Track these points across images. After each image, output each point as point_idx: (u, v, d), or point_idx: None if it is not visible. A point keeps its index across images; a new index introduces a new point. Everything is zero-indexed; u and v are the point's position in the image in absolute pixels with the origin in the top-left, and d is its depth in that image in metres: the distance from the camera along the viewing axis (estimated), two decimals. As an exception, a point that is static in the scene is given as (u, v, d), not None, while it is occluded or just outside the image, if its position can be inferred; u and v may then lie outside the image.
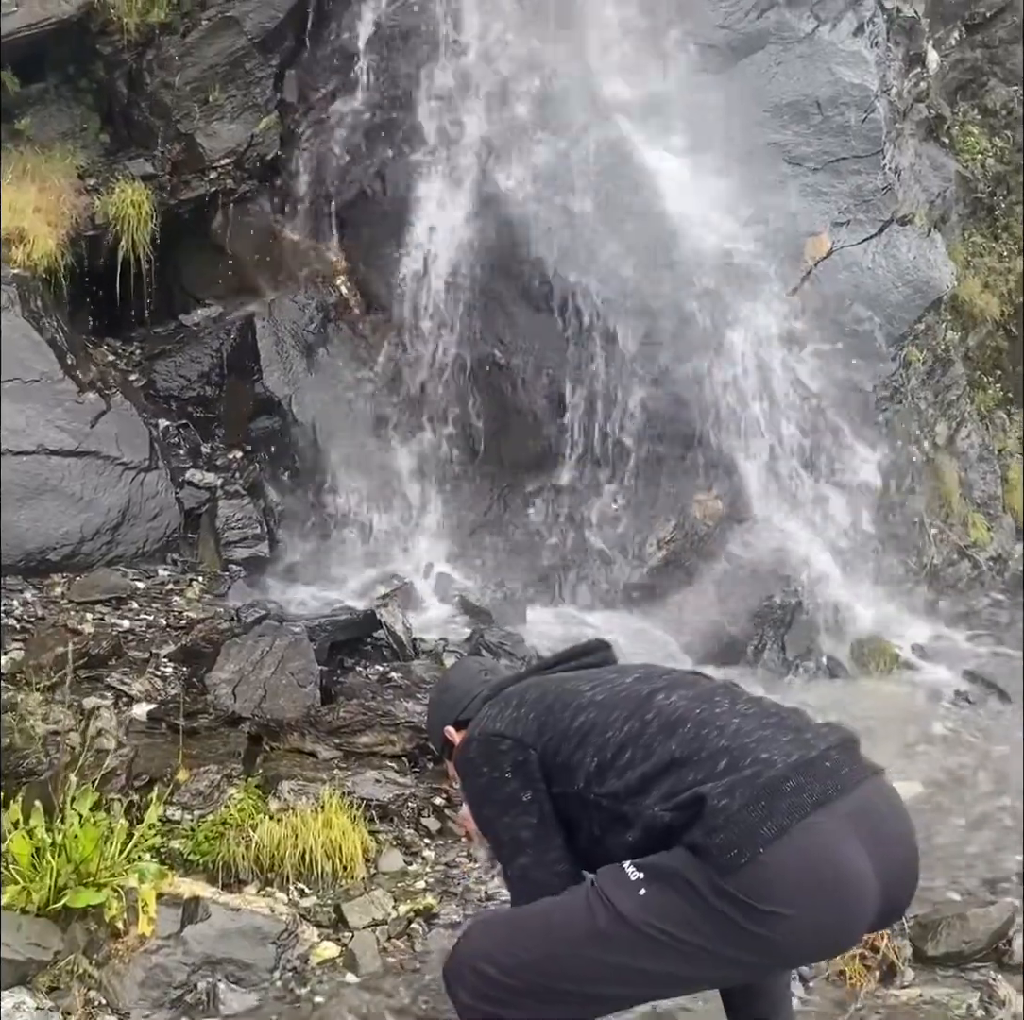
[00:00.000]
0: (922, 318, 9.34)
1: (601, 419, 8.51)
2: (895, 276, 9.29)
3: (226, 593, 7.55)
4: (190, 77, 8.89)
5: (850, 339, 8.99)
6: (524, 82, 9.16)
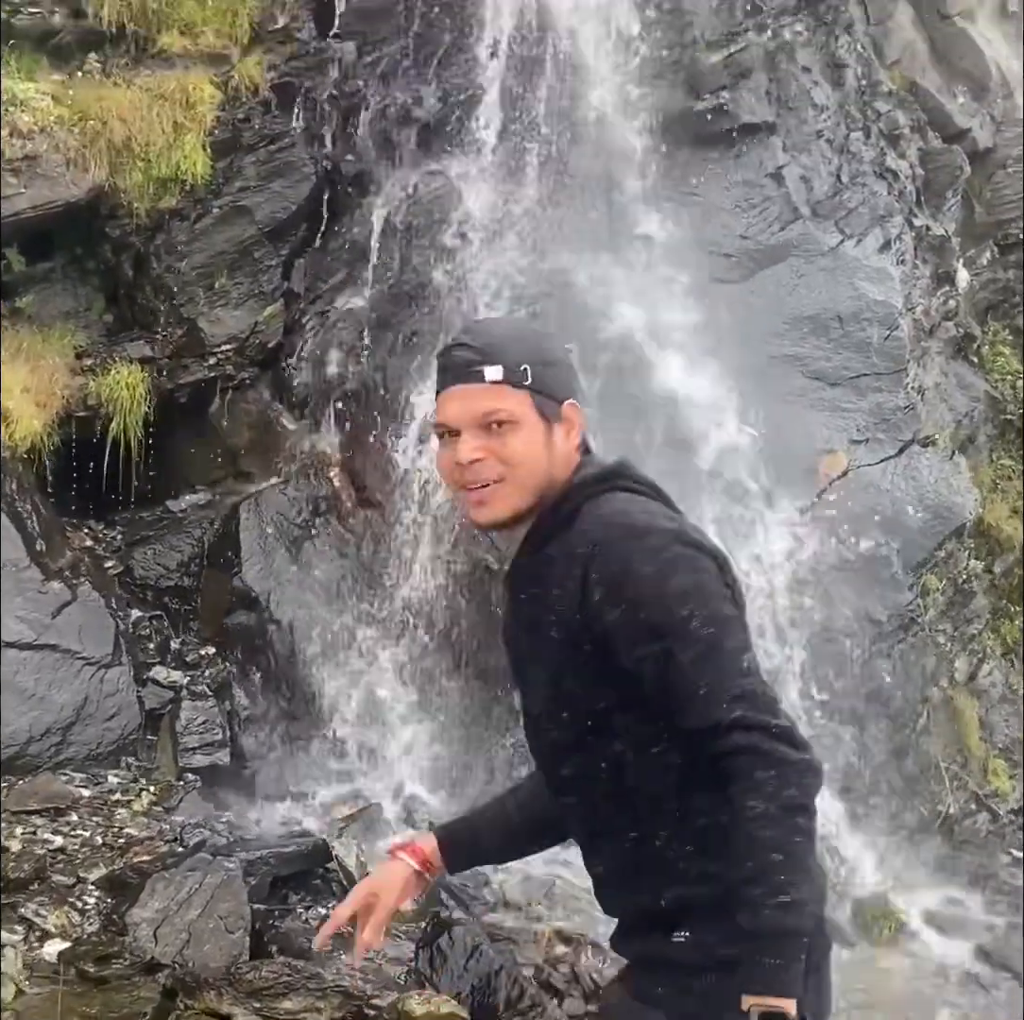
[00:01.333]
0: (943, 545, 8.88)
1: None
2: (915, 499, 8.87)
3: (176, 806, 7.03)
4: (197, 263, 8.75)
5: (864, 564, 8.52)
6: (534, 286, 8.96)
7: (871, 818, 8.01)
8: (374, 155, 9.29)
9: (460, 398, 2.51)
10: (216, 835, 6.50)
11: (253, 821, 7.15)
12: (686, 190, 9.68)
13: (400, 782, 7.74)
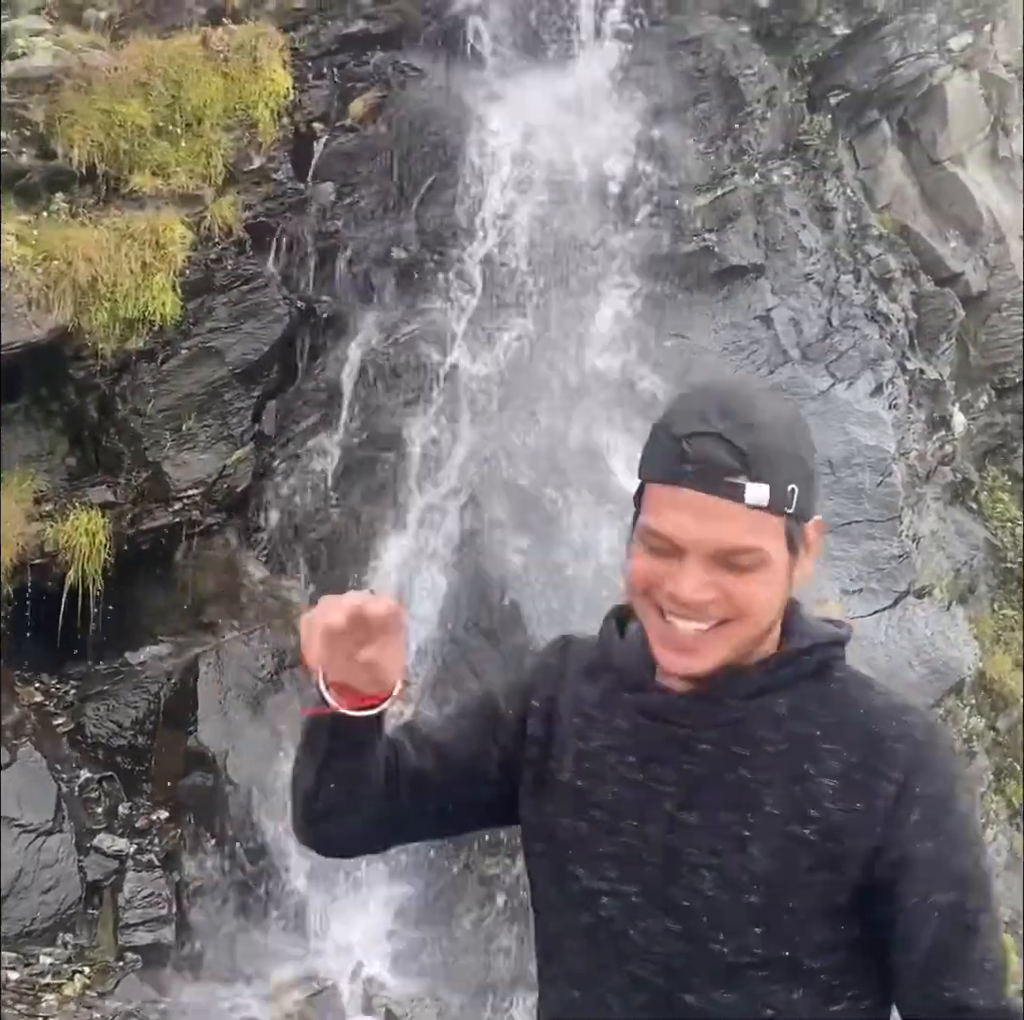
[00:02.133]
0: (941, 702, 8.41)
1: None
2: (911, 653, 8.44)
3: (112, 990, 6.49)
4: (164, 405, 8.48)
5: (859, 723, 8.03)
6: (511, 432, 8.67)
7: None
8: (351, 296, 9.09)
9: (700, 512, 1.89)
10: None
11: (195, 1008, 6.57)
12: (671, 332, 9.43)
13: (359, 962, 7.17)
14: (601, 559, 8.02)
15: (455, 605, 8.13)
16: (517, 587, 7.99)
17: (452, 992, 7.03)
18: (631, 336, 9.31)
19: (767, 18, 10.33)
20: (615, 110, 9.73)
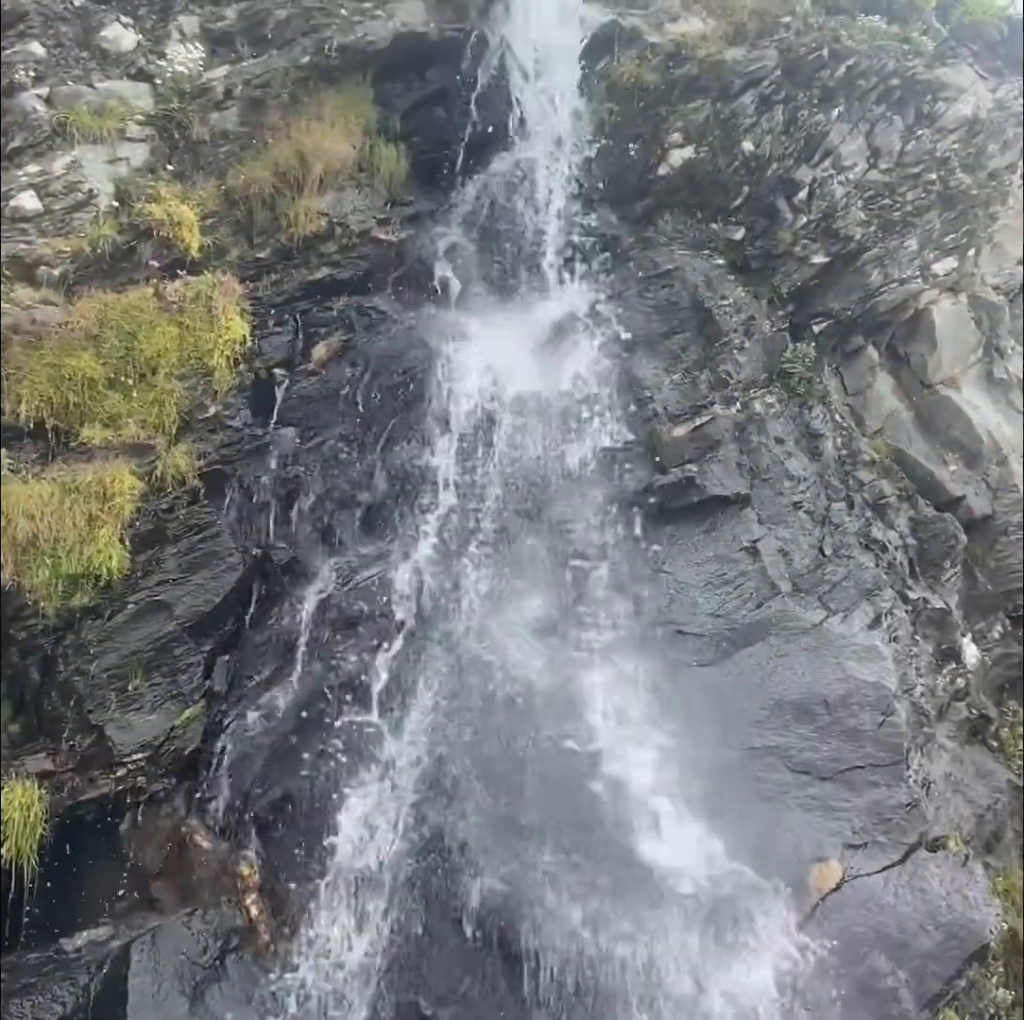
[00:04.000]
0: (962, 972, 7.50)
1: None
2: (924, 916, 7.60)
3: None
4: (109, 664, 8.03)
5: (867, 1000, 7.14)
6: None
7: None
8: (310, 541, 8.71)
9: None
10: None
11: None
12: (653, 567, 8.94)
13: None
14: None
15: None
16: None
17: None
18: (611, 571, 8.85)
19: (742, 250, 10.22)
20: (585, 344, 9.53)
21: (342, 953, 7.39)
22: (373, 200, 9.80)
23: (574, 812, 7.60)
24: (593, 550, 8.94)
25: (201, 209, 9.11)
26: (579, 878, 7.10)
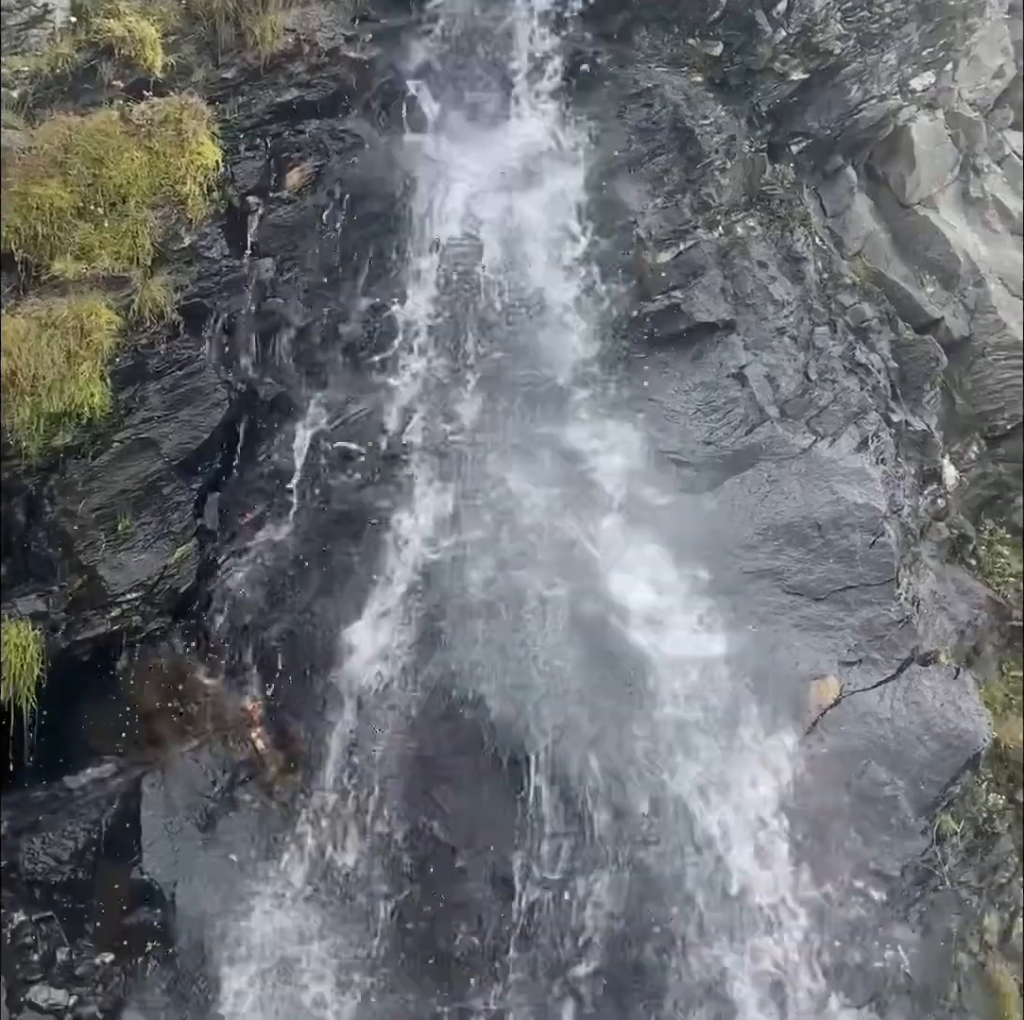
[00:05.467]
0: (956, 779, 7.75)
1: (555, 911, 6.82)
2: (919, 728, 7.79)
3: None
4: (96, 503, 7.85)
5: (868, 807, 7.36)
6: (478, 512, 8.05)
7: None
8: (296, 376, 8.51)
9: None
10: None
11: None
12: (641, 396, 8.86)
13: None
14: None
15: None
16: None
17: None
18: (599, 403, 8.76)
19: (721, 66, 9.91)
20: (563, 168, 9.26)
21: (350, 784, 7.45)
22: (340, 15, 9.31)
23: (573, 635, 7.64)
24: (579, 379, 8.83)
25: (162, 25, 8.61)
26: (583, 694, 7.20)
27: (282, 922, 6.97)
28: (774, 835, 6.98)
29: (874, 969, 6.93)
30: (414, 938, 7.00)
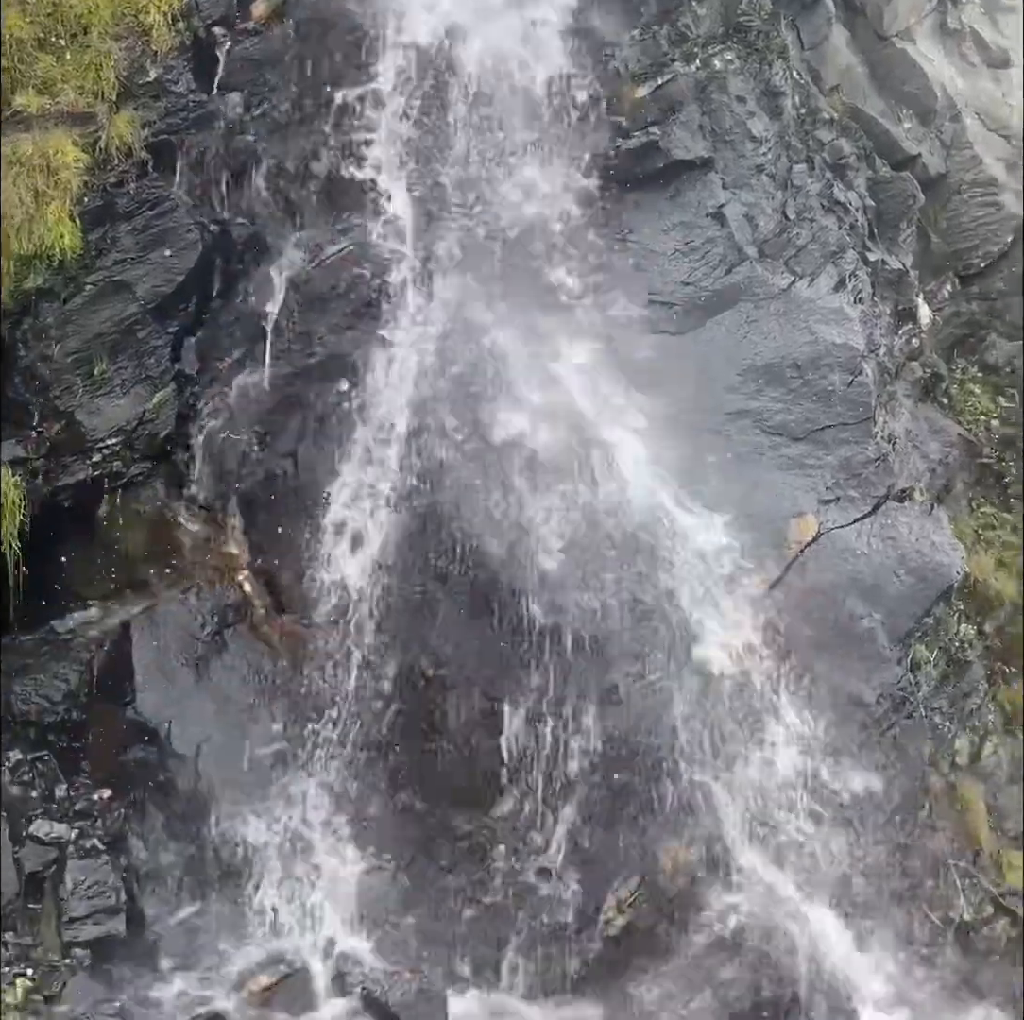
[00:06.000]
0: (930, 611, 7.94)
1: (547, 742, 7.00)
2: (895, 562, 7.94)
3: (59, 993, 5.90)
4: (72, 348, 7.74)
5: (846, 639, 7.55)
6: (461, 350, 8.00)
7: (876, 933, 6.98)
8: (269, 216, 8.34)
9: None
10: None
11: (154, 1003, 6.01)
12: (618, 236, 8.76)
13: (330, 938, 6.63)
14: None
15: (407, 546, 7.53)
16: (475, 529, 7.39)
17: (434, 960, 6.52)
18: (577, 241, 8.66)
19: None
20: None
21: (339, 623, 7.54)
22: None
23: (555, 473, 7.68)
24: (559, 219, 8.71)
25: None
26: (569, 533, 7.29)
27: (277, 757, 7.10)
28: (755, 667, 7.16)
29: (850, 783, 7.19)
30: (406, 769, 7.15)
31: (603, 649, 7.19)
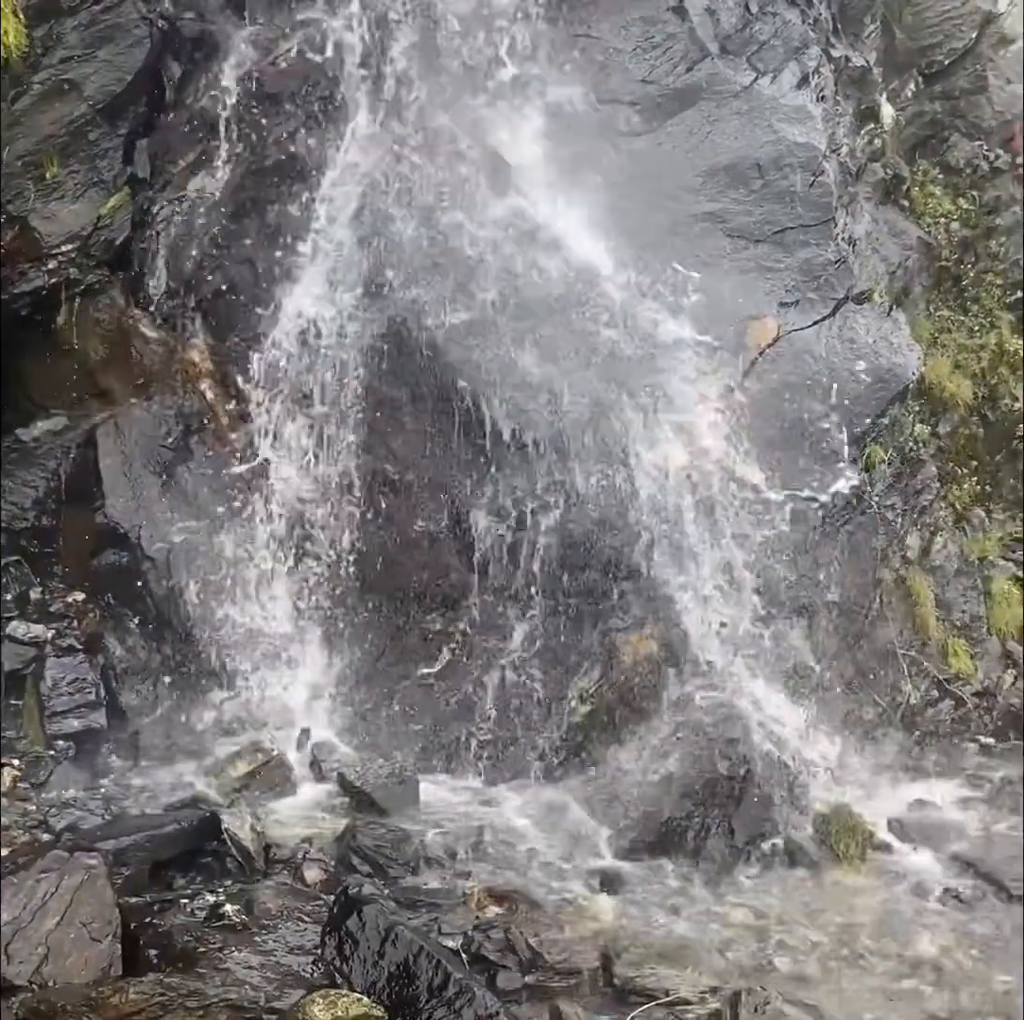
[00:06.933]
0: (886, 412, 8.07)
1: (511, 544, 7.16)
2: (853, 363, 8.03)
3: (46, 781, 6.15)
4: (21, 150, 7.56)
5: (803, 439, 7.70)
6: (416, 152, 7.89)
7: (827, 716, 7.31)
8: (219, 11, 8.09)
9: None
10: (89, 814, 5.64)
11: (138, 789, 6.27)
12: (577, 32, 8.56)
13: (305, 728, 6.88)
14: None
15: (367, 353, 7.53)
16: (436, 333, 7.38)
17: (406, 747, 6.79)
18: (536, 38, 8.46)
19: None
20: None
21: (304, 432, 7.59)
22: None
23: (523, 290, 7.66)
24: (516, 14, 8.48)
25: None
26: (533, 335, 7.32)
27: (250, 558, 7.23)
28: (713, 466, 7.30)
29: (804, 584, 7.43)
30: (374, 573, 7.31)
31: (565, 452, 7.28)
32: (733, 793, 6.41)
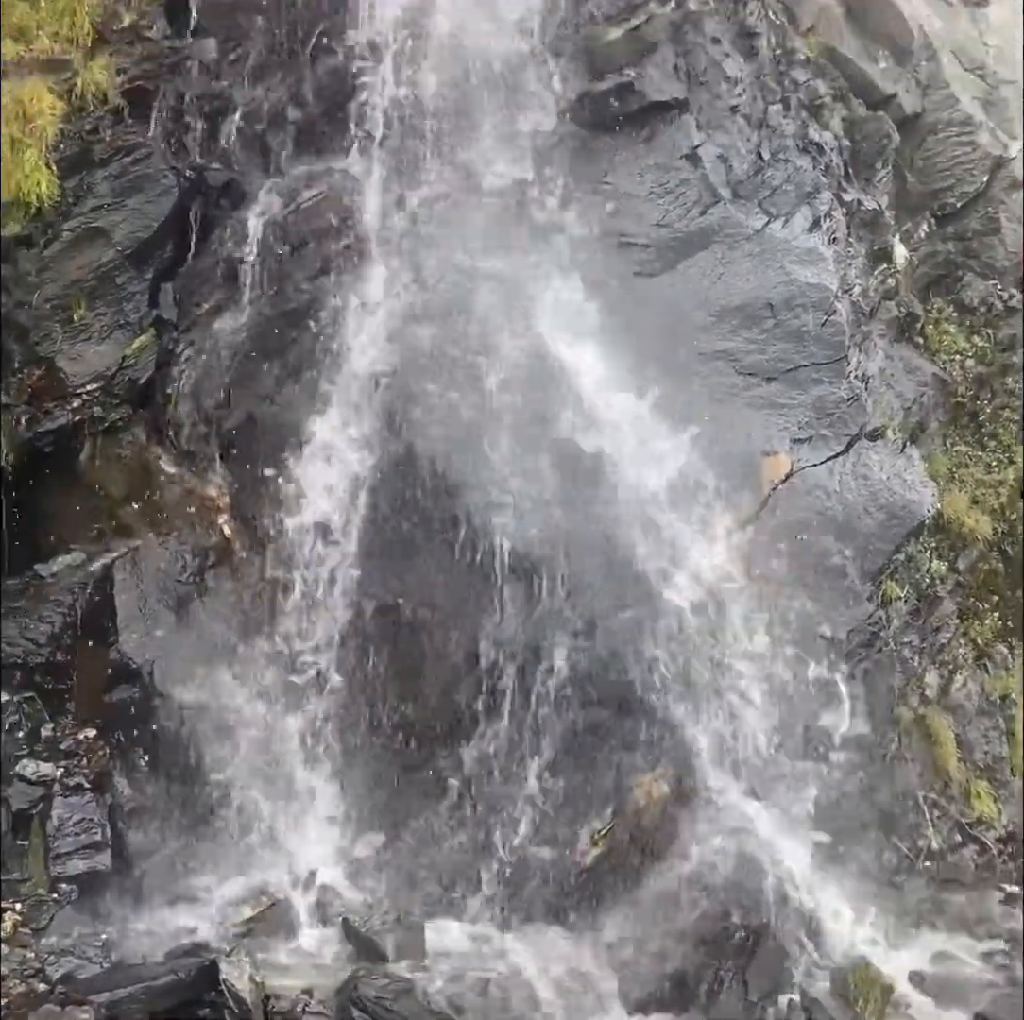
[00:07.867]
0: (901, 548, 8.05)
1: (522, 681, 7.14)
2: (867, 500, 8.04)
3: (47, 926, 6.08)
4: (50, 294, 7.80)
5: (817, 576, 7.67)
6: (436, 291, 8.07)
7: (844, 863, 7.15)
8: (245, 161, 8.37)
9: None
10: (88, 963, 5.56)
11: (139, 934, 6.18)
12: (594, 179, 8.80)
13: (311, 870, 6.80)
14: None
15: (381, 488, 7.63)
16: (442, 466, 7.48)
17: (413, 893, 6.69)
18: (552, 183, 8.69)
19: None
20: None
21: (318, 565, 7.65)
22: None
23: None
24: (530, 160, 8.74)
25: None
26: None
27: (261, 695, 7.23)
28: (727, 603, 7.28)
29: (819, 725, 7.34)
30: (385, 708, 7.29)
31: (576, 588, 7.29)
32: (747, 943, 6.25)
